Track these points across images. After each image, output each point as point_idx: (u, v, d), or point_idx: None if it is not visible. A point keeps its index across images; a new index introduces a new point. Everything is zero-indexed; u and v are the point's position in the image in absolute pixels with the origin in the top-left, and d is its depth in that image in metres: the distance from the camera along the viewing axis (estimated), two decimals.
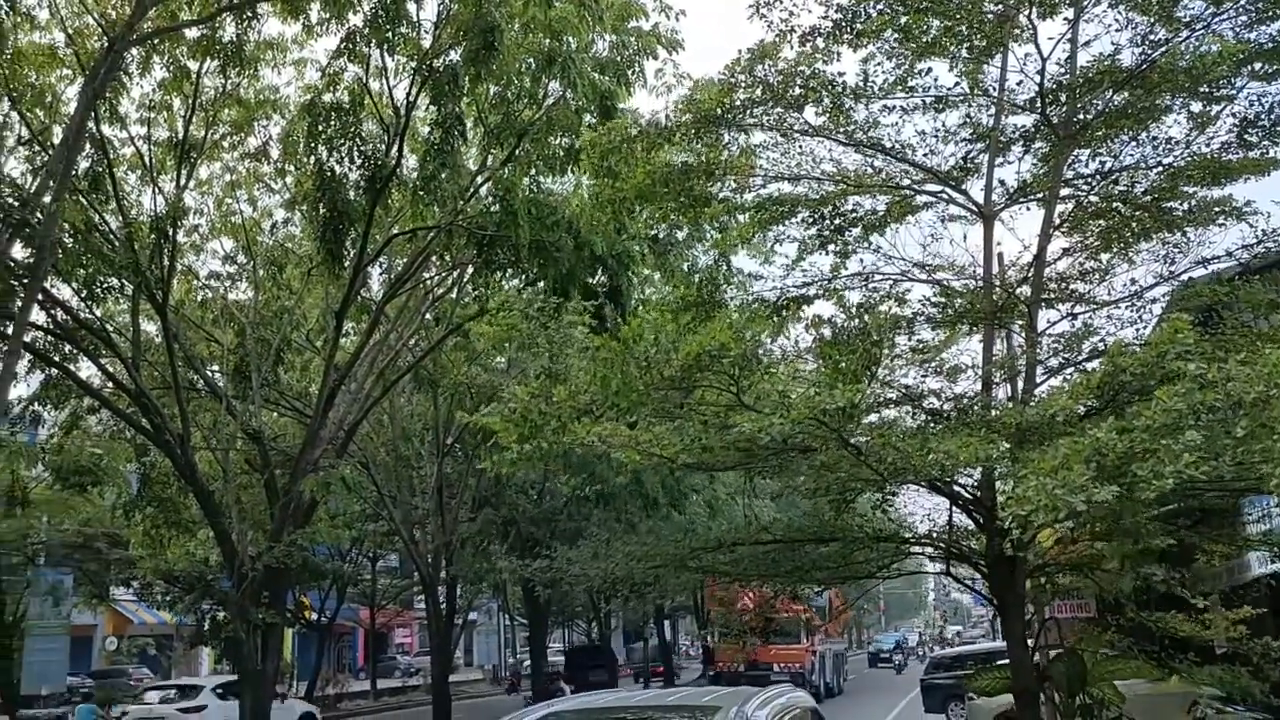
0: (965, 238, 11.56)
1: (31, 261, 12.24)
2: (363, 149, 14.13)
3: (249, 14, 13.57)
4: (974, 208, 9.80)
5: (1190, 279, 9.50)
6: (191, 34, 13.80)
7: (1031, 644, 10.02)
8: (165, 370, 15.87)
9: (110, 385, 15.95)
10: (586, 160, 10.57)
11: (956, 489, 8.99)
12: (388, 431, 23.45)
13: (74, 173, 12.99)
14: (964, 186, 9.87)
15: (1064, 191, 9.72)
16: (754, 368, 8.36)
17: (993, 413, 8.27)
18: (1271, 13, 8.53)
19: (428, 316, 19.20)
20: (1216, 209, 9.17)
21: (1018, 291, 9.48)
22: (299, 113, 15.04)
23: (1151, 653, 11.34)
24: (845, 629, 49.96)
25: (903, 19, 8.66)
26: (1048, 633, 11.20)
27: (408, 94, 14.31)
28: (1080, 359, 9.38)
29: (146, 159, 15.30)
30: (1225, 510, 10.77)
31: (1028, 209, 10.18)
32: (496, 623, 54.70)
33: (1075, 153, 9.44)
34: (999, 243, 9.97)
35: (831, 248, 10.17)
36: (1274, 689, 10.69)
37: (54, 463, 16.82)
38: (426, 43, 13.73)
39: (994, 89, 9.42)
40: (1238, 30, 8.63)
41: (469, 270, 16.98)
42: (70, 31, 13.78)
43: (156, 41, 13.69)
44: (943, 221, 10.27)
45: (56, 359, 15.13)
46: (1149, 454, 5.69)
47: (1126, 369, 6.88)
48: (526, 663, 37.49)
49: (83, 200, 14.13)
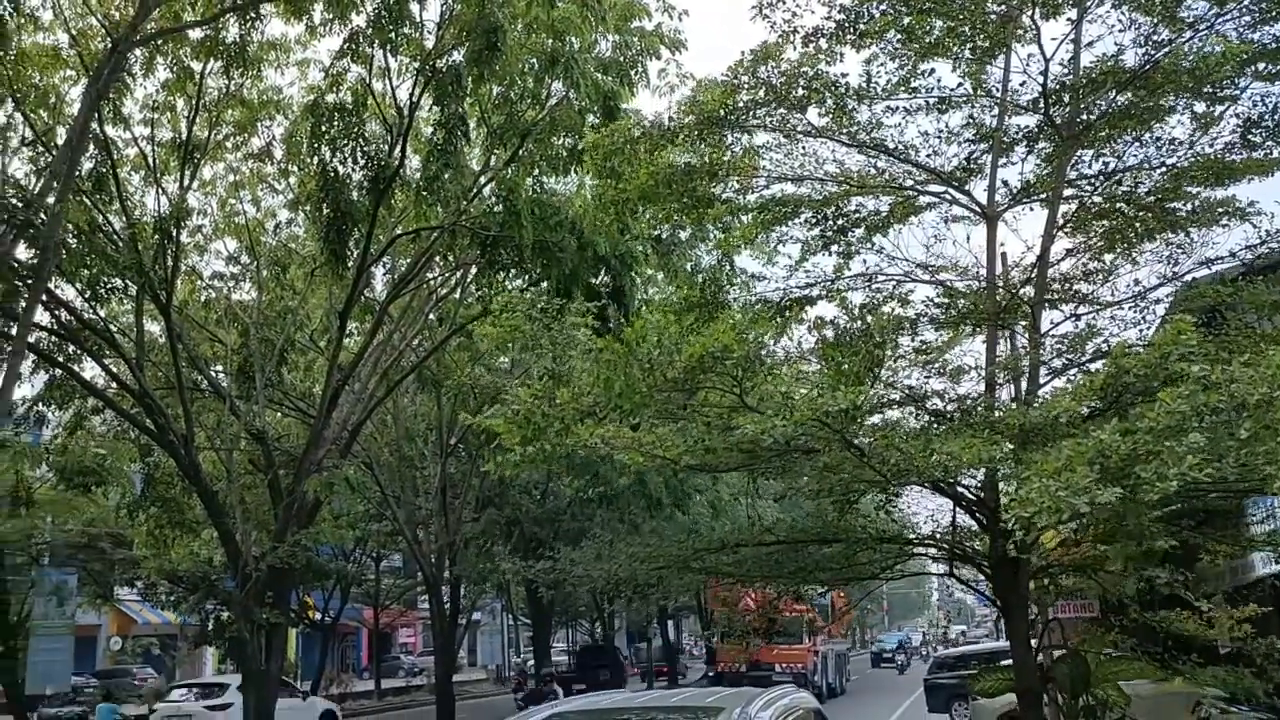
0: (968, 238, 11.57)
1: (35, 262, 12.25)
2: (366, 149, 14.12)
3: (252, 15, 13.56)
4: (977, 208, 9.80)
5: (1194, 280, 9.50)
6: (195, 35, 13.80)
7: (1035, 644, 10.00)
8: (169, 371, 15.89)
9: (114, 386, 15.98)
10: (590, 161, 10.57)
11: (960, 490, 8.99)
12: (391, 432, 23.48)
13: (78, 173, 13.00)
14: (967, 187, 9.87)
15: (1067, 192, 9.71)
16: (757, 369, 8.36)
17: (996, 414, 8.26)
18: (1275, 13, 8.52)
19: (431, 317, 19.19)
20: (1220, 209, 9.18)
21: (1021, 292, 9.48)
22: (302, 113, 15.03)
23: (1155, 654, 11.34)
24: (848, 629, 49.89)
25: (906, 20, 8.66)
26: (1051, 633, 11.19)
27: (411, 94, 14.30)
28: (1084, 360, 9.37)
29: (150, 160, 15.32)
30: (1229, 511, 10.76)
31: (1031, 209, 10.19)
32: (500, 623, 54.71)
33: (1078, 153, 9.44)
34: (1002, 243, 10.00)
35: (834, 248, 10.18)
36: (1277, 689, 10.67)
37: (58, 463, 16.84)
38: (430, 43, 13.71)
39: (997, 90, 9.41)
40: (1241, 31, 8.63)
41: (472, 271, 16.96)
42: (74, 32, 13.80)
43: (160, 42, 13.70)
44: (946, 222, 10.29)
45: (60, 359, 15.18)
46: (1152, 456, 5.68)
47: (1130, 370, 6.87)
48: (531, 662, 37.51)
49: (86, 201, 14.14)
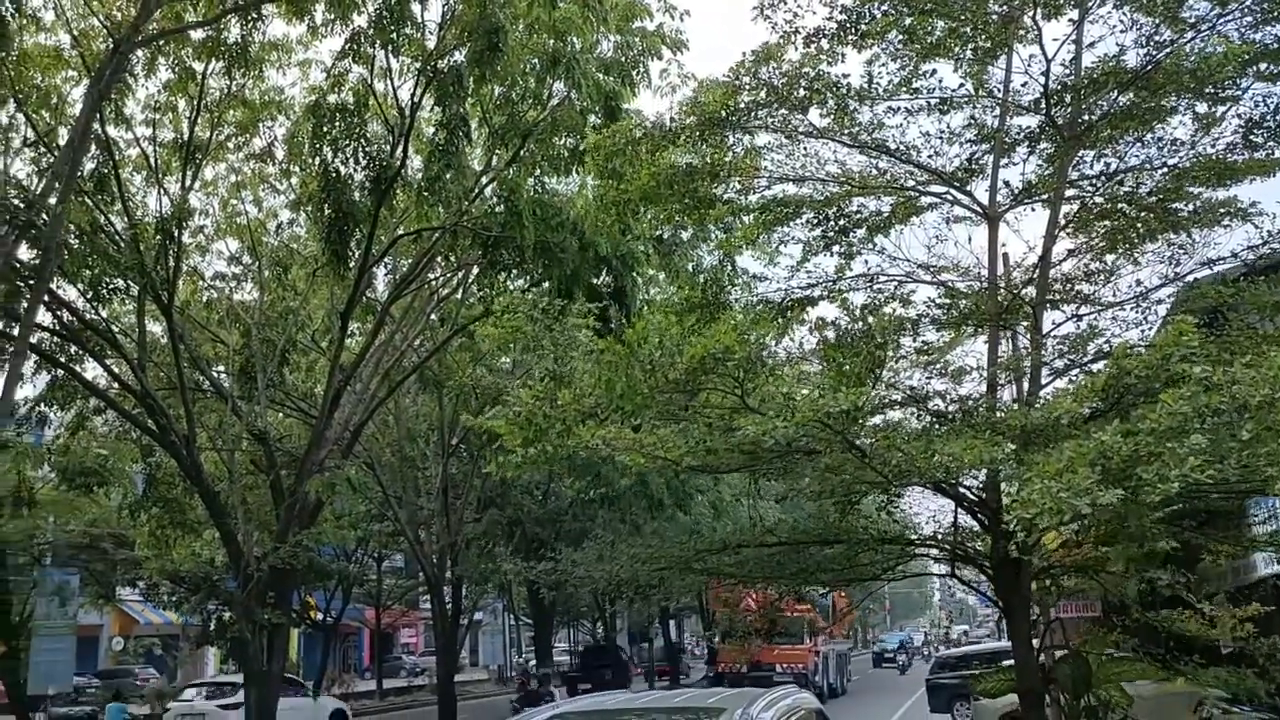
0: (970, 239, 11.60)
1: (37, 263, 12.27)
2: (368, 150, 14.11)
3: (254, 15, 13.56)
4: (979, 209, 9.79)
5: (1195, 280, 9.48)
6: (197, 35, 13.81)
7: (1037, 645, 10.00)
8: (171, 371, 15.90)
9: (116, 386, 15.98)
10: (591, 161, 10.56)
11: (961, 491, 8.99)
12: (393, 432, 23.49)
13: (79, 174, 13.00)
14: (969, 188, 9.86)
15: (1069, 192, 9.70)
16: (758, 370, 8.35)
17: (998, 415, 8.26)
18: (1276, 13, 8.50)
19: (433, 317, 19.21)
20: (1221, 210, 9.16)
21: (1023, 293, 9.48)
22: (304, 114, 15.02)
23: (1157, 654, 11.33)
24: (850, 629, 49.86)
25: (907, 20, 8.65)
26: (1053, 634, 11.18)
27: (412, 95, 14.29)
28: (1085, 361, 9.36)
29: (152, 160, 15.33)
30: (1230, 512, 10.76)
31: (1033, 210, 10.18)
32: (502, 623, 54.70)
33: (1080, 154, 9.43)
34: (1004, 244, 9.97)
35: (836, 249, 10.16)
36: (1279, 689, 10.67)
37: (60, 463, 16.87)
38: (431, 44, 13.70)
39: (998, 90, 9.40)
40: (1243, 31, 8.62)
41: (474, 271, 16.96)
42: (76, 33, 13.79)
43: (162, 43, 13.70)
44: (947, 223, 10.27)
45: (62, 360, 15.19)
46: (1154, 457, 5.67)
47: (1131, 371, 6.86)
48: (533, 662, 37.52)
49: (88, 201, 14.15)
